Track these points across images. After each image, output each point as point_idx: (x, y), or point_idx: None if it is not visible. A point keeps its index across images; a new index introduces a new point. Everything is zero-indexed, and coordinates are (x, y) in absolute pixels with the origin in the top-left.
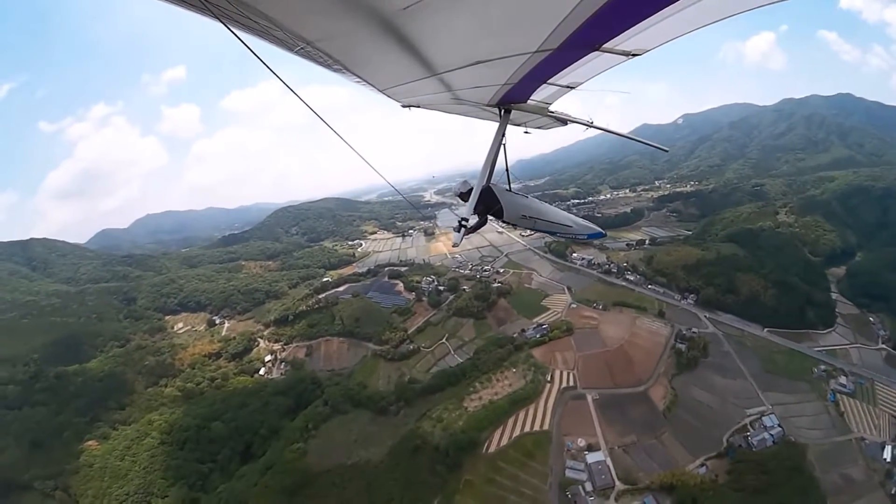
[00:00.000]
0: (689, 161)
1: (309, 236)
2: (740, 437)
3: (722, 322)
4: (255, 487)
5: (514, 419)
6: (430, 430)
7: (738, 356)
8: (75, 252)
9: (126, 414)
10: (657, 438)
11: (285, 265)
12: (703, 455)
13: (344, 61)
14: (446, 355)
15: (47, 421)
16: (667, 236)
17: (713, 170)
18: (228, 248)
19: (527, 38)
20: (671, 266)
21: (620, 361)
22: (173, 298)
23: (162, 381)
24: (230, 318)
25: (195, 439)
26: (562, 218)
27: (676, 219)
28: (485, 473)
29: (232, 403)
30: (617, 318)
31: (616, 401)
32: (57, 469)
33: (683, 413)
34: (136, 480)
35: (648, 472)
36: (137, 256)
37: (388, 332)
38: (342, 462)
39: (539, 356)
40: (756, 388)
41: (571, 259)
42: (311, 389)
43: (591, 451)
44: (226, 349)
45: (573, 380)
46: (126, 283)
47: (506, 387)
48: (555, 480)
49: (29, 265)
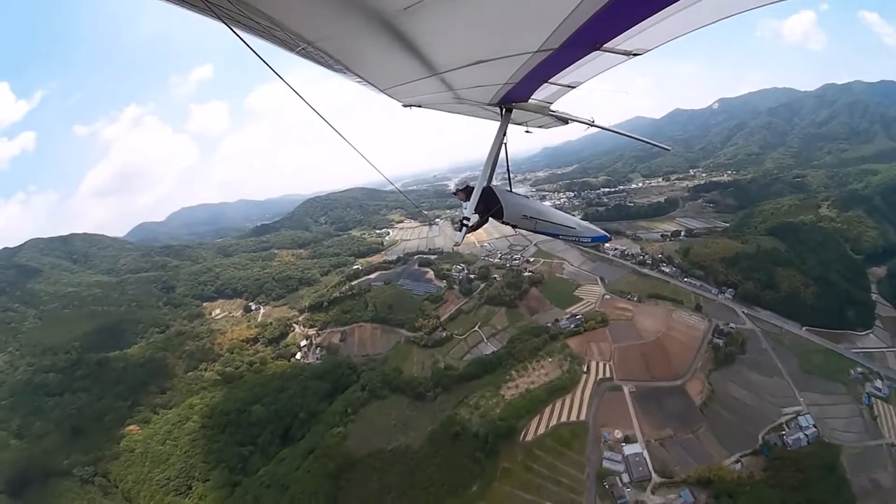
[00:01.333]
0: (726, 149)
1: (337, 225)
2: (776, 435)
3: (760, 318)
4: (298, 472)
5: (551, 408)
6: (468, 416)
7: (776, 354)
8: (114, 245)
9: (167, 398)
10: (693, 433)
11: (316, 253)
12: (738, 452)
13: (345, 61)
14: (479, 343)
15: (88, 406)
16: (703, 228)
17: (751, 158)
18: (261, 237)
19: (528, 38)
20: (709, 259)
21: (657, 354)
22: (210, 286)
23: (202, 365)
24: (265, 305)
25: (236, 423)
26: (564, 220)
27: (713, 210)
28: (522, 461)
29: (272, 387)
30: (653, 311)
31: (653, 394)
32: (97, 455)
33: (720, 409)
34: (178, 465)
35: (684, 466)
36: (175, 247)
37: (420, 320)
38: (382, 447)
39: (575, 346)
40: (793, 387)
41: (603, 249)
42: (348, 374)
43: (628, 443)
44: (263, 334)
45: (609, 371)
46: (164, 273)
47: (542, 376)
48: (592, 471)
49: (70, 258)
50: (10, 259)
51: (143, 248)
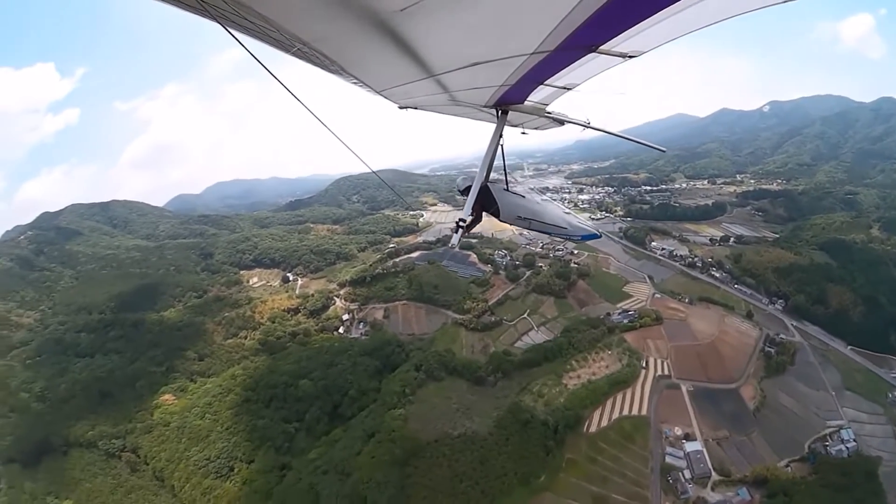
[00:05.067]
0: (777, 156)
1: (370, 205)
2: (820, 444)
3: (808, 332)
4: (360, 457)
5: (613, 401)
6: (532, 404)
7: (822, 368)
8: (154, 212)
9: (205, 365)
10: (747, 436)
11: (351, 229)
12: (787, 457)
13: (340, 62)
14: (529, 331)
15: (120, 369)
16: (752, 236)
17: (802, 169)
18: (295, 211)
19: (524, 40)
20: (761, 267)
21: (712, 356)
22: (248, 255)
23: (242, 333)
24: (303, 276)
25: (282, 397)
26: (558, 219)
27: (762, 218)
28: (586, 453)
29: (320, 361)
30: (705, 314)
31: (709, 394)
32: (127, 427)
33: (771, 415)
34: (219, 443)
35: (739, 466)
36: (212, 217)
37: (468, 302)
38: (448, 432)
39: (631, 341)
40: (836, 402)
41: (651, 248)
42: (397, 352)
43: (688, 441)
44: (304, 305)
45: (667, 369)
46: (203, 240)
47: (603, 368)
48: (656, 465)
49: (110, 223)
50: (51, 222)
51: (182, 217)
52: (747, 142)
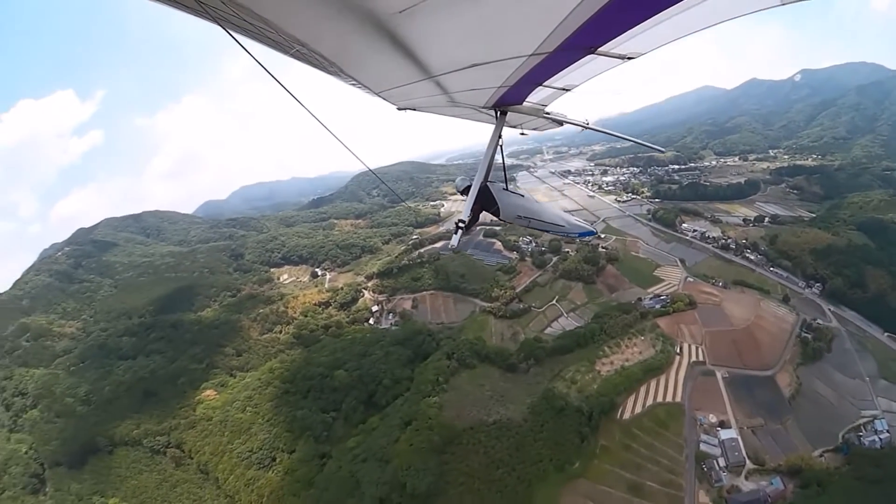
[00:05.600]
0: (810, 129)
1: (390, 198)
2: (854, 435)
3: (846, 318)
4: (398, 444)
5: (646, 388)
6: (566, 390)
7: (858, 356)
8: (184, 219)
9: (243, 360)
10: (782, 424)
11: (374, 223)
12: (821, 447)
13: (339, 64)
14: (559, 317)
15: (162, 369)
16: (787, 215)
17: (838, 143)
18: (318, 209)
19: (522, 42)
20: (797, 249)
21: (747, 342)
22: (277, 253)
23: (276, 328)
24: (330, 271)
25: (319, 388)
26: (555, 217)
27: (797, 197)
28: (620, 439)
29: (353, 352)
30: (740, 298)
31: (744, 381)
32: (171, 424)
33: (805, 403)
34: (261, 435)
35: (773, 455)
36: (240, 219)
37: (496, 290)
38: (483, 419)
39: (665, 327)
40: (871, 391)
41: (681, 230)
42: (428, 341)
43: (723, 428)
44: (334, 299)
45: (702, 355)
46: (233, 242)
47: (636, 354)
48: (690, 452)
49: (143, 233)
50: (87, 237)
51: (211, 222)
52: (779, 114)
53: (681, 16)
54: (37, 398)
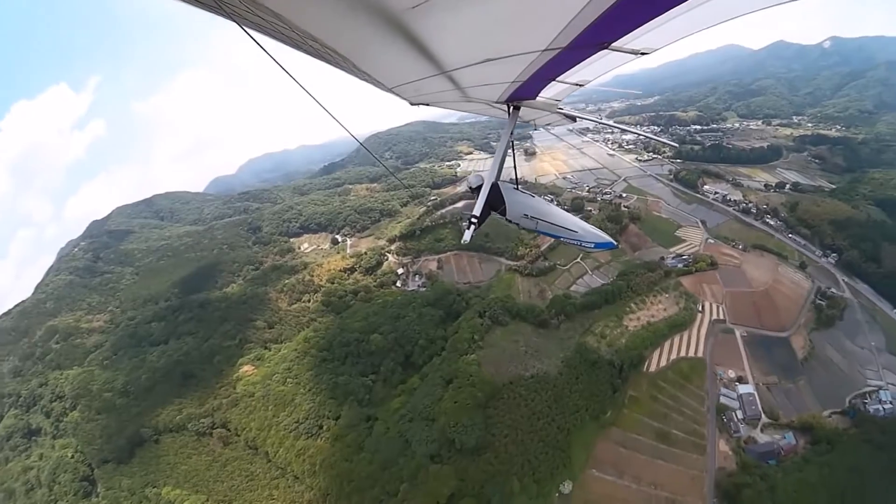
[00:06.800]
0: (837, 99)
1: (404, 159)
2: (860, 401)
3: (858, 290)
4: (443, 402)
5: (671, 343)
6: (596, 345)
7: (868, 328)
8: (196, 198)
9: (276, 332)
10: (794, 384)
11: (390, 186)
12: (829, 408)
13: (353, 59)
14: (584, 275)
15: (196, 349)
16: (808, 184)
17: (864, 117)
18: (331, 175)
19: (536, 37)
20: (817, 218)
21: (766, 304)
22: (294, 223)
23: (304, 297)
24: (351, 236)
25: (356, 353)
26: (568, 222)
27: (818, 166)
28: (647, 391)
29: (386, 315)
30: (759, 262)
31: (762, 341)
32: (213, 404)
33: (817, 366)
34: (305, 405)
35: (786, 412)
36: (252, 192)
37: (520, 248)
38: (521, 374)
39: (687, 285)
40: (878, 364)
41: (703, 192)
42: (458, 301)
43: (741, 383)
44: (359, 264)
45: (722, 313)
46: (248, 216)
47: (661, 311)
48: (711, 404)
49: (157, 217)
50: (101, 228)
51: (223, 197)
52: (805, 80)
53: (696, 10)
54: (75, 399)
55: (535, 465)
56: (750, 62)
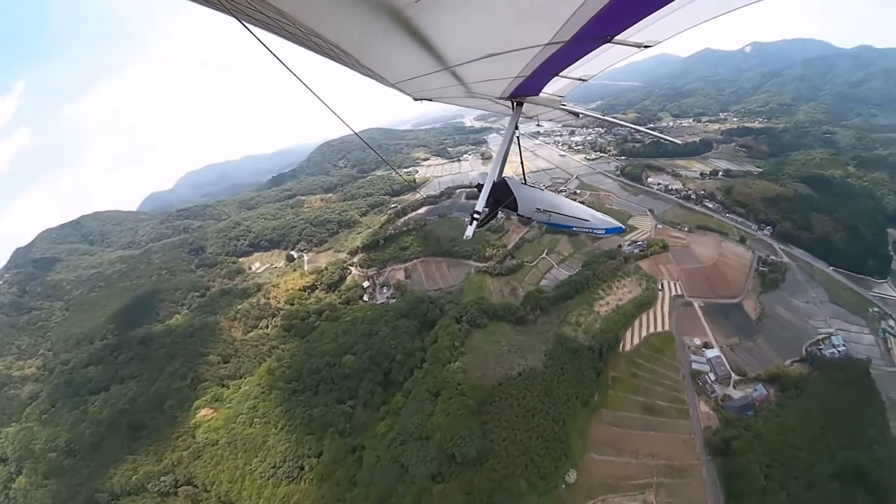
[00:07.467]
0: (758, 95)
1: (359, 168)
2: (815, 348)
3: (794, 255)
4: (434, 417)
5: (639, 322)
6: (573, 333)
7: (809, 285)
8: (129, 218)
9: (233, 367)
10: (754, 342)
11: (347, 195)
12: (789, 358)
13: (356, 55)
14: (551, 269)
15: (142, 396)
16: (738, 170)
17: (783, 109)
18: (281, 186)
19: (539, 31)
20: (750, 198)
21: (716, 276)
22: (243, 240)
23: (261, 322)
24: (307, 252)
25: (329, 379)
26: (579, 211)
27: (745, 154)
28: (627, 369)
29: (358, 333)
30: (704, 240)
31: (718, 308)
32: (172, 458)
33: (771, 324)
34: (280, 446)
35: (752, 367)
36: (192, 209)
37: (488, 249)
38: (508, 373)
39: (646, 268)
40: (824, 314)
41: (648, 184)
42: (431, 309)
43: (707, 348)
44: (319, 280)
45: (680, 289)
46: (189, 235)
47: (627, 293)
48: (686, 371)
49: (86, 241)
50: (25, 257)
51: (160, 216)
52: (730, 81)
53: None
54: (19, 462)
55: (537, 462)
56: (680, 68)
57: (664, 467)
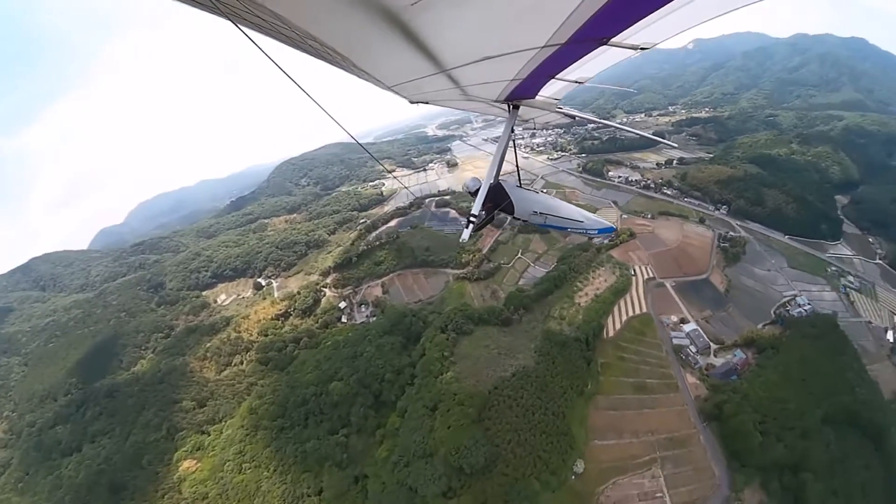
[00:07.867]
0: (702, 88)
1: (323, 185)
2: (783, 310)
3: (751, 229)
4: (435, 433)
5: (618, 307)
6: (559, 327)
7: (768, 255)
8: (80, 258)
9: (211, 410)
10: (726, 312)
11: (312, 214)
12: (761, 322)
13: (352, 58)
14: (528, 268)
15: (117, 453)
16: (691, 157)
17: (727, 98)
18: (241, 210)
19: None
20: (704, 181)
21: (682, 256)
22: (205, 272)
23: (234, 359)
24: (276, 277)
25: (317, 410)
26: (573, 213)
27: (696, 142)
28: (613, 354)
29: (342, 357)
30: (667, 225)
31: (688, 286)
32: None
33: (739, 293)
34: (276, 489)
35: (728, 335)
36: (147, 242)
37: (464, 256)
38: (501, 376)
39: (618, 256)
40: (786, 279)
41: (609, 177)
42: (415, 322)
43: (684, 324)
44: (293, 306)
45: (651, 272)
46: (146, 271)
47: (603, 282)
48: (668, 348)
49: (37, 287)
50: None
51: (113, 253)
52: (675, 77)
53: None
54: None
55: (545, 458)
56: (630, 67)
57: (665, 441)
